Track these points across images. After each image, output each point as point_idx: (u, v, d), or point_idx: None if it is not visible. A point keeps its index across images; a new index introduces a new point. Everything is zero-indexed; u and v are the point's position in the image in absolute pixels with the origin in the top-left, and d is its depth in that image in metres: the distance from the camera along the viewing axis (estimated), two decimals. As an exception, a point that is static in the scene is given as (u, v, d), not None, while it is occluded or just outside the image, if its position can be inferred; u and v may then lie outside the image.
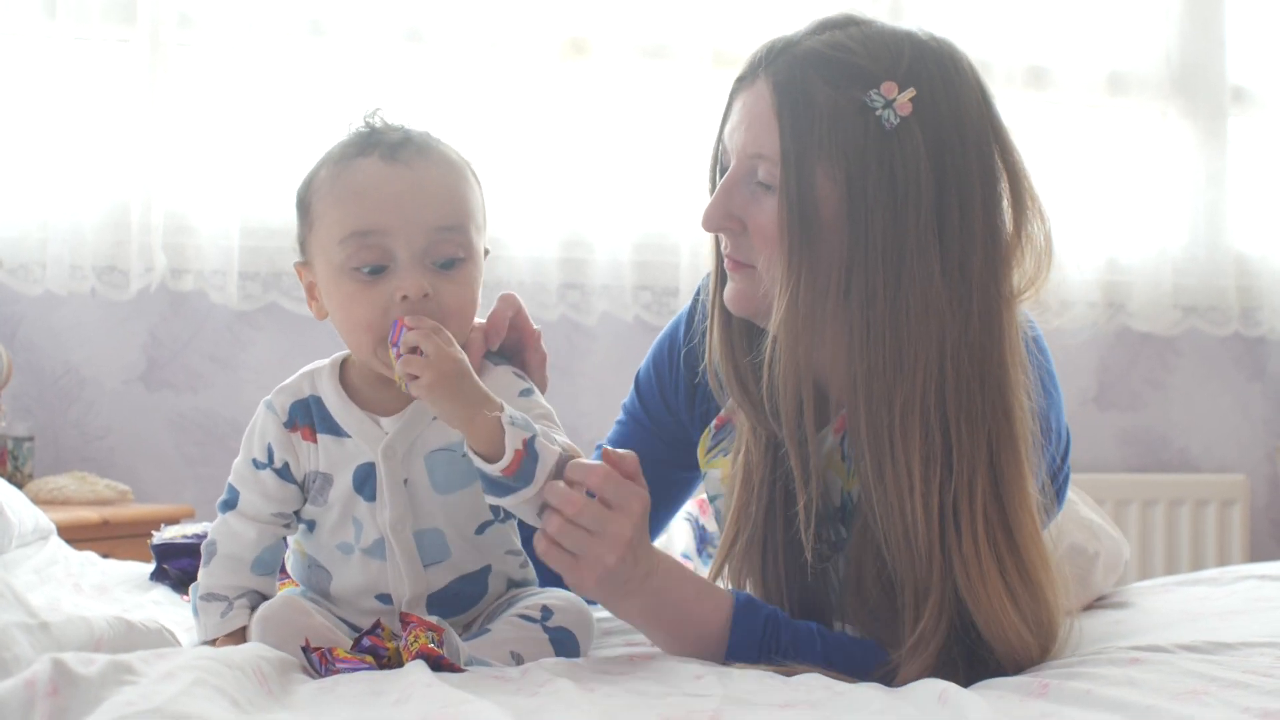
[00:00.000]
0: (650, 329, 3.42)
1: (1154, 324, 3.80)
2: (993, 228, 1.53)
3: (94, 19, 3.20)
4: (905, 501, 1.49)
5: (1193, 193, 3.82)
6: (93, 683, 1.10)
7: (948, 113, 1.51)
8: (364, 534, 1.53)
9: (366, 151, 1.51)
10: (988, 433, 1.51)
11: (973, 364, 1.51)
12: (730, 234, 1.59)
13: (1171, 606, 1.92)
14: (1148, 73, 3.81)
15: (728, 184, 1.57)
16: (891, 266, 1.49)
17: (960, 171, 1.51)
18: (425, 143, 1.53)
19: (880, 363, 1.49)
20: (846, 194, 1.49)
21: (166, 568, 2.12)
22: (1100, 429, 3.86)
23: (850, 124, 1.49)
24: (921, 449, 1.49)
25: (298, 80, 3.33)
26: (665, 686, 1.34)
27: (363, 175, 1.49)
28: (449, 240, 1.49)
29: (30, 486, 2.96)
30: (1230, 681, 1.35)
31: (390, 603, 1.54)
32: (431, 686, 1.24)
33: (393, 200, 1.47)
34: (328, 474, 1.53)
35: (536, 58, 3.39)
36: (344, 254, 1.48)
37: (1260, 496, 3.98)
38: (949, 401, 1.50)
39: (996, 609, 1.49)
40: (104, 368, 3.30)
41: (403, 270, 1.47)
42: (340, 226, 1.48)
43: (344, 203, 1.49)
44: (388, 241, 1.47)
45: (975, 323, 1.51)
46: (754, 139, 1.54)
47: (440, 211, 1.49)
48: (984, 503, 1.50)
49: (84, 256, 3.17)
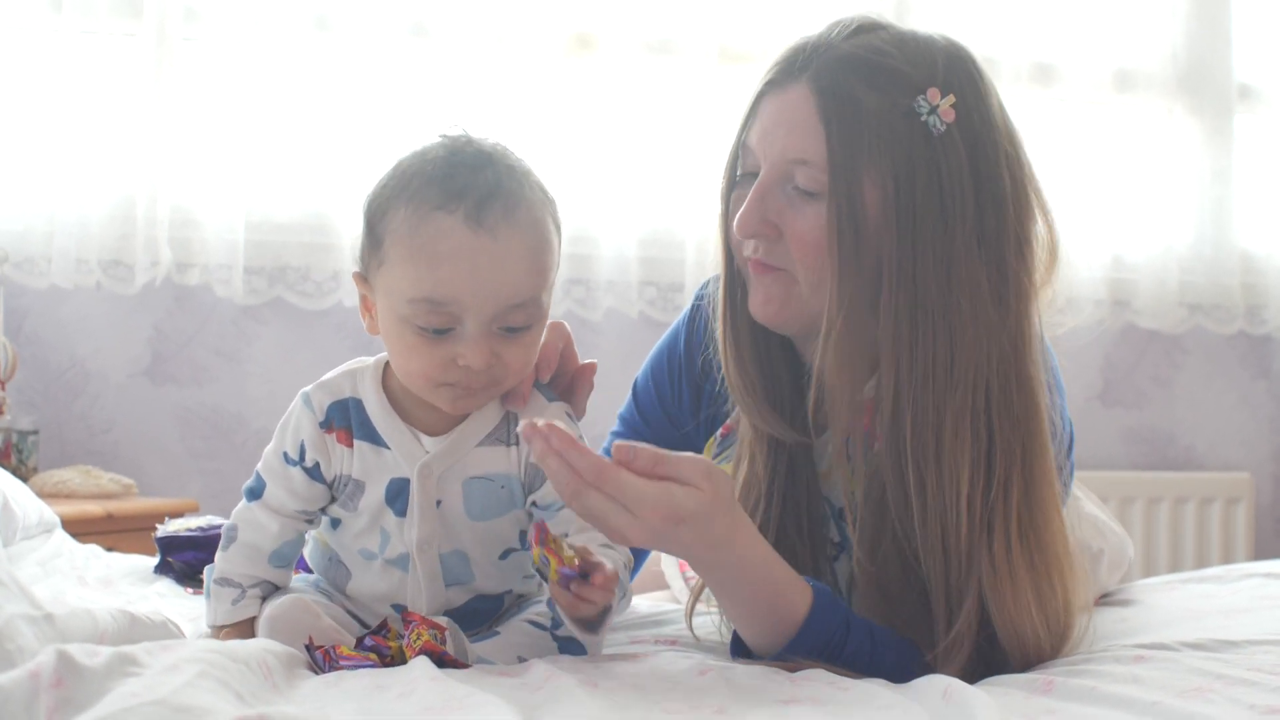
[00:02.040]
0: (655, 325, 3.42)
1: (1159, 321, 3.79)
2: (1024, 233, 1.55)
3: (100, 13, 3.20)
4: (950, 507, 1.48)
5: (1199, 190, 3.82)
6: (97, 674, 1.10)
7: (979, 118, 1.53)
8: (390, 546, 1.52)
9: (449, 206, 1.42)
10: (1022, 435, 1.51)
11: (1016, 369, 1.52)
12: (765, 240, 1.57)
13: (1176, 604, 1.91)
14: (1154, 70, 3.81)
15: (761, 189, 1.55)
16: (942, 273, 1.49)
17: (994, 178, 1.52)
18: (512, 198, 1.44)
19: (933, 369, 1.49)
20: (895, 201, 1.49)
21: (171, 561, 2.12)
22: (1105, 426, 3.86)
23: (898, 130, 1.49)
24: (971, 453, 1.49)
25: (303, 75, 3.33)
26: (669, 682, 1.34)
27: (442, 238, 1.41)
28: (520, 312, 1.45)
29: (35, 480, 2.96)
30: (1235, 679, 1.35)
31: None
32: (436, 681, 1.24)
33: (469, 273, 1.41)
34: (360, 481, 1.51)
35: (542, 53, 3.39)
36: (411, 311, 1.43)
37: (1265, 494, 3.98)
38: (994, 406, 1.50)
39: (1022, 608, 1.49)
40: (109, 361, 3.30)
41: (469, 338, 1.43)
42: (413, 288, 1.42)
43: (419, 263, 1.42)
44: (458, 310, 1.42)
45: (1012, 327, 1.52)
46: (796, 144, 1.53)
47: (517, 288, 1.43)
48: (1017, 503, 1.50)
49: (89, 250, 3.17)
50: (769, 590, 1.47)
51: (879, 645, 1.51)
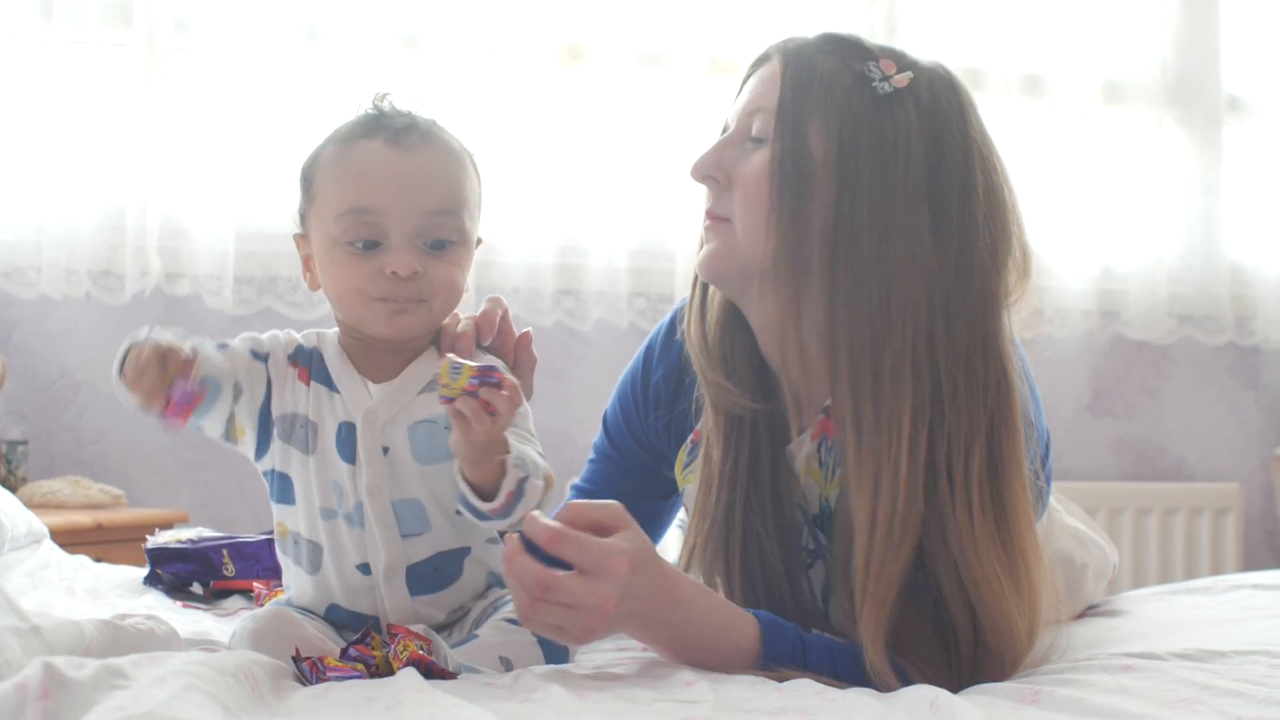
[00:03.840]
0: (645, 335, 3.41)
1: (1148, 332, 3.80)
2: (995, 216, 1.57)
3: (91, 23, 3.20)
4: (890, 447, 1.50)
5: (1188, 201, 3.83)
6: (84, 687, 1.09)
7: (947, 106, 1.58)
8: (345, 499, 1.54)
9: (371, 134, 1.56)
10: (988, 406, 1.53)
11: (972, 331, 1.54)
12: (714, 186, 1.63)
13: (1165, 615, 1.92)
14: (1143, 82, 3.82)
15: (723, 140, 1.64)
16: (879, 218, 1.53)
17: (959, 153, 1.56)
18: (429, 130, 1.59)
19: (867, 307, 1.52)
20: (837, 149, 1.54)
21: (160, 572, 2.12)
22: (1094, 437, 3.87)
23: (846, 85, 1.56)
24: (912, 398, 1.51)
25: (294, 85, 3.33)
26: (656, 692, 1.34)
27: (365, 156, 1.55)
28: (441, 224, 1.54)
29: (24, 490, 2.95)
30: (1223, 690, 1.35)
31: (369, 573, 1.54)
32: (424, 693, 1.24)
33: (391, 182, 1.53)
34: (315, 422, 1.56)
35: (533, 64, 3.39)
36: (340, 228, 1.53)
37: (1254, 505, 3.98)
38: (941, 356, 1.52)
39: (988, 572, 1.50)
40: (98, 372, 3.29)
41: (395, 248, 1.52)
42: (339, 203, 1.54)
43: (344, 181, 1.55)
44: (382, 220, 1.52)
45: (976, 296, 1.54)
46: (755, 97, 1.62)
47: (436, 196, 1.54)
48: (980, 473, 1.52)
49: (79, 260, 3.17)
50: (715, 625, 1.50)
51: (838, 656, 1.52)
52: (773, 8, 3.56)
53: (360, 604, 1.56)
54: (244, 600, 2.07)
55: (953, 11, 3.70)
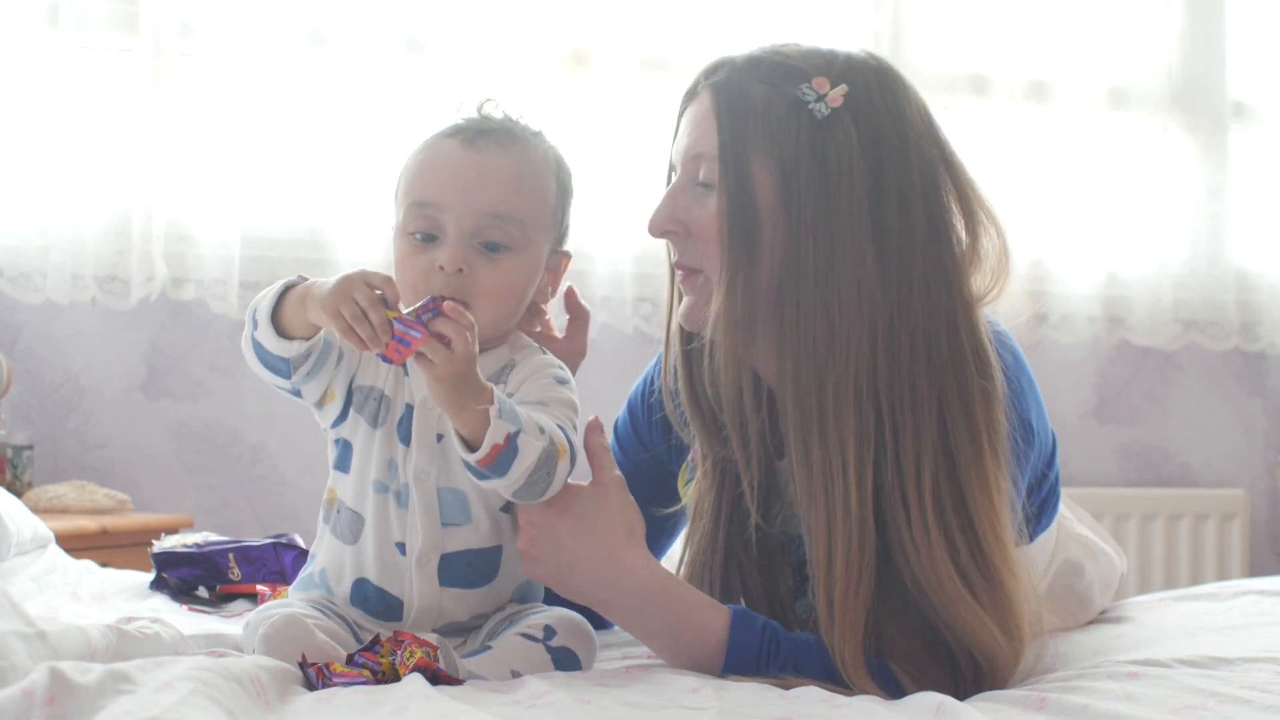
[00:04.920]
0: (650, 341, 3.42)
1: (1154, 338, 3.80)
2: (936, 224, 1.56)
3: (97, 28, 3.20)
4: (835, 480, 1.50)
5: (1193, 207, 3.82)
6: (90, 691, 1.10)
7: (884, 113, 1.56)
8: (397, 477, 1.56)
9: (454, 135, 1.62)
10: (939, 412, 1.52)
11: (915, 350, 1.52)
12: (675, 239, 1.64)
13: (1170, 621, 1.91)
14: (1148, 87, 3.81)
15: (672, 190, 1.64)
16: (824, 251, 1.52)
17: (899, 165, 1.54)
18: (512, 135, 1.64)
19: (811, 345, 1.52)
20: (781, 184, 1.53)
21: (166, 577, 2.12)
22: (1100, 443, 3.86)
23: (783, 116, 1.55)
24: (855, 428, 1.50)
25: (299, 90, 3.33)
26: (661, 699, 1.34)
27: (438, 153, 1.61)
28: (497, 226, 1.56)
29: (29, 495, 2.96)
30: (1229, 697, 1.35)
31: (405, 554, 1.55)
32: (429, 698, 1.24)
33: (454, 179, 1.57)
34: (390, 398, 1.57)
35: (538, 69, 3.39)
36: (405, 217, 1.58)
37: (1260, 511, 3.98)
38: (881, 384, 1.51)
39: (950, 593, 1.48)
40: (104, 376, 3.30)
41: (448, 244, 1.55)
42: (408, 194, 1.59)
43: (414, 174, 1.61)
44: (441, 215, 1.56)
45: (916, 312, 1.53)
46: (695, 140, 1.60)
47: (495, 198, 1.57)
48: (934, 481, 1.50)
49: (85, 265, 3.17)
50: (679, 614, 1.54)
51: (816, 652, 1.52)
52: (776, 14, 3.55)
53: (390, 583, 1.56)
54: (249, 604, 2.07)
55: (958, 17, 3.70)
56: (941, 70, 3.67)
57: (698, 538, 1.69)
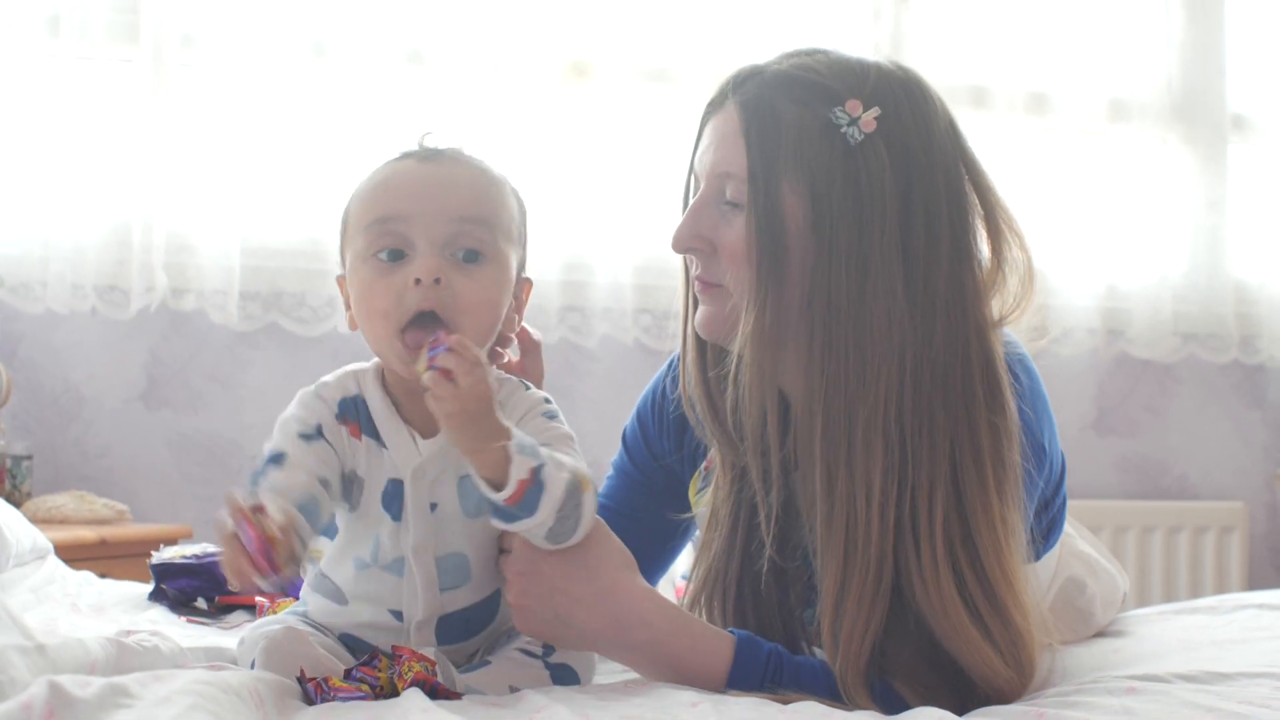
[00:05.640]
0: (650, 352, 3.42)
1: (1153, 351, 3.80)
2: (960, 248, 1.54)
3: (97, 38, 3.21)
4: (859, 513, 1.48)
5: (1193, 219, 3.83)
6: (89, 705, 1.09)
7: (914, 133, 1.53)
8: (382, 552, 1.50)
9: (404, 157, 1.54)
10: (950, 445, 1.50)
11: (934, 381, 1.50)
12: (700, 255, 1.61)
13: (1169, 635, 1.91)
14: (1148, 99, 3.82)
15: (697, 205, 1.60)
16: (855, 280, 1.50)
17: (927, 190, 1.52)
18: (463, 154, 1.55)
19: (842, 375, 1.50)
20: (812, 209, 1.51)
21: (165, 588, 2.12)
22: (1099, 455, 3.86)
23: (815, 140, 1.51)
24: (883, 462, 1.49)
25: (300, 101, 3.34)
26: (661, 714, 1.33)
27: (393, 172, 1.53)
28: (470, 232, 1.47)
29: (28, 505, 2.95)
30: (1228, 712, 1.35)
31: (401, 619, 1.52)
32: (428, 713, 1.24)
33: (416, 188, 1.49)
34: (362, 479, 1.50)
35: (538, 80, 3.40)
36: (365, 240, 1.48)
37: (1259, 524, 3.98)
38: (907, 416, 1.50)
39: (955, 624, 1.47)
40: (104, 387, 3.30)
41: (420, 256, 1.46)
42: (365, 215, 1.50)
43: (371, 194, 1.52)
44: (407, 229, 1.46)
45: (939, 340, 1.51)
46: (722, 158, 1.57)
47: (463, 201, 1.48)
48: (944, 515, 1.49)
49: (85, 275, 3.18)
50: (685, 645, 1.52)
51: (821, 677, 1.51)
52: (778, 24, 3.56)
53: (384, 641, 1.51)
54: (248, 615, 2.07)
55: (958, 29, 3.71)
56: (941, 82, 3.62)
57: (714, 546, 1.67)
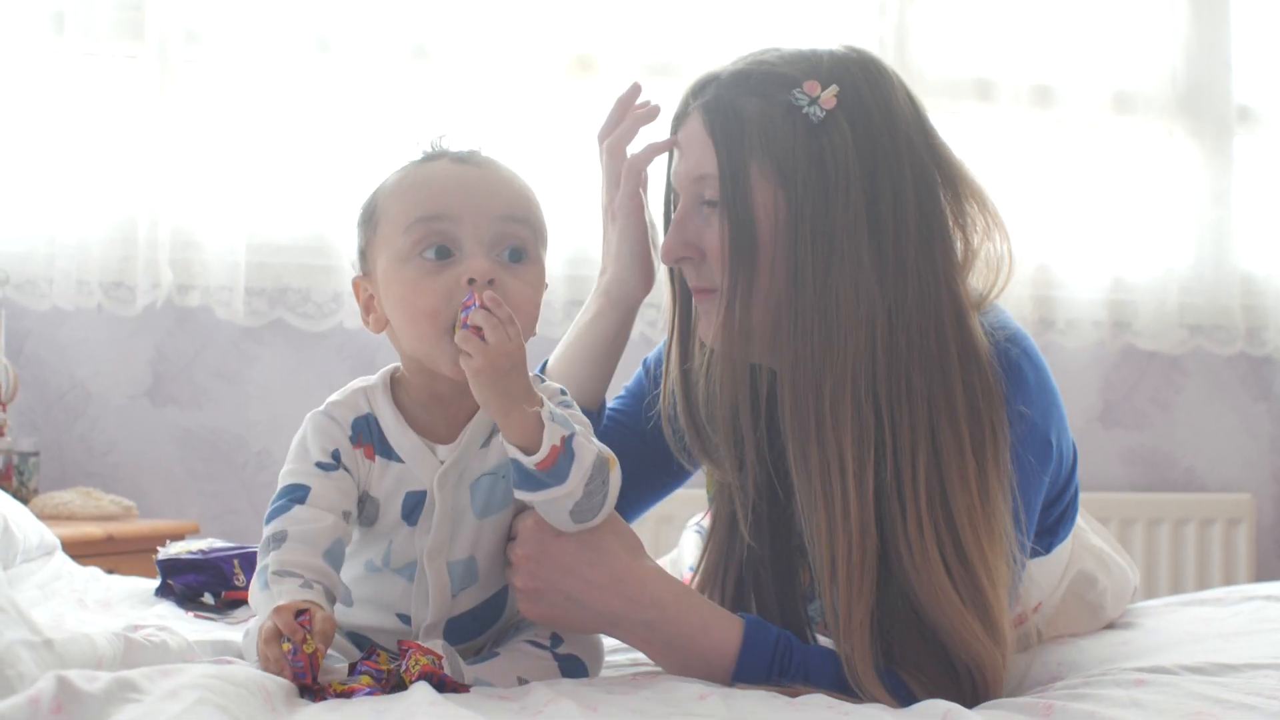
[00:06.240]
0: (653, 346, 3.41)
1: (1160, 343, 3.79)
2: (927, 216, 1.55)
3: (102, 35, 3.21)
4: (835, 483, 1.49)
5: (1198, 212, 3.82)
6: (97, 700, 1.09)
7: (875, 107, 1.54)
8: (394, 556, 1.51)
9: (434, 159, 1.51)
10: (928, 408, 1.51)
11: (909, 349, 1.51)
12: (691, 264, 1.61)
13: (1176, 627, 1.91)
14: (1154, 92, 3.82)
15: (679, 215, 1.61)
16: (821, 254, 1.51)
17: (891, 161, 1.53)
18: (491, 157, 1.52)
19: (808, 350, 1.51)
20: (783, 192, 1.52)
21: (171, 583, 2.12)
22: (1105, 447, 3.86)
23: (778, 124, 1.53)
24: (854, 431, 1.49)
25: (305, 97, 3.34)
26: (668, 707, 1.33)
27: (430, 172, 1.48)
28: (515, 232, 1.46)
29: (35, 502, 2.96)
30: (1235, 704, 1.35)
31: (409, 623, 1.52)
32: (435, 705, 1.24)
33: (461, 188, 1.46)
34: (378, 500, 1.49)
35: (543, 75, 3.40)
36: (409, 240, 1.44)
37: (1266, 515, 3.98)
38: (880, 384, 1.50)
39: (937, 588, 1.48)
40: (110, 383, 3.30)
41: (469, 256, 1.43)
42: (406, 215, 1.45)
43: (410, 193, 1.47)
44: (454, 228, 1.44)
45: (910, 305, 1.52)
46: (695, 163, 1.59)
47: (506, 201, 1.47)
48: (925, 477, 1.50)
49: (91, 272, 3.18)
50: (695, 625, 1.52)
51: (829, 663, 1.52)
52: (782, 18, 3.56)
53: (391, 642, 1.50)
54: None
55: (963, 22, 3.70)
56: (946, 75, 3.67)
57: (715, 544, 1.69)
